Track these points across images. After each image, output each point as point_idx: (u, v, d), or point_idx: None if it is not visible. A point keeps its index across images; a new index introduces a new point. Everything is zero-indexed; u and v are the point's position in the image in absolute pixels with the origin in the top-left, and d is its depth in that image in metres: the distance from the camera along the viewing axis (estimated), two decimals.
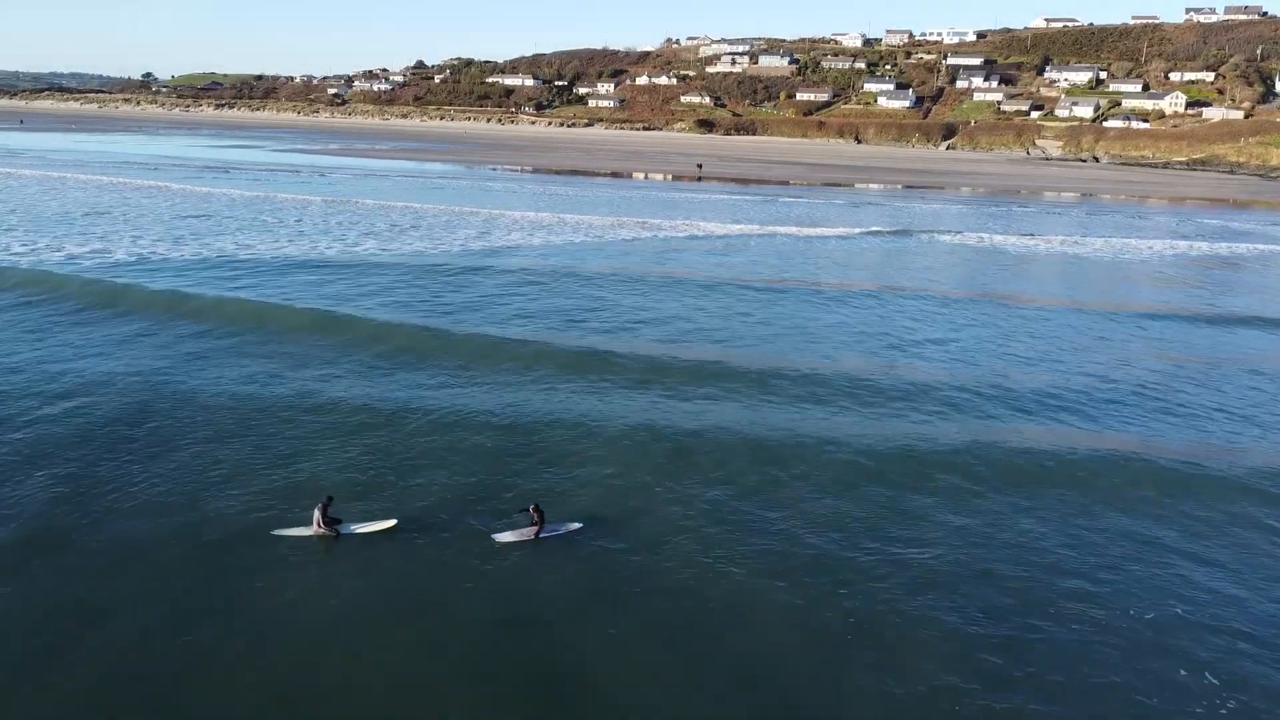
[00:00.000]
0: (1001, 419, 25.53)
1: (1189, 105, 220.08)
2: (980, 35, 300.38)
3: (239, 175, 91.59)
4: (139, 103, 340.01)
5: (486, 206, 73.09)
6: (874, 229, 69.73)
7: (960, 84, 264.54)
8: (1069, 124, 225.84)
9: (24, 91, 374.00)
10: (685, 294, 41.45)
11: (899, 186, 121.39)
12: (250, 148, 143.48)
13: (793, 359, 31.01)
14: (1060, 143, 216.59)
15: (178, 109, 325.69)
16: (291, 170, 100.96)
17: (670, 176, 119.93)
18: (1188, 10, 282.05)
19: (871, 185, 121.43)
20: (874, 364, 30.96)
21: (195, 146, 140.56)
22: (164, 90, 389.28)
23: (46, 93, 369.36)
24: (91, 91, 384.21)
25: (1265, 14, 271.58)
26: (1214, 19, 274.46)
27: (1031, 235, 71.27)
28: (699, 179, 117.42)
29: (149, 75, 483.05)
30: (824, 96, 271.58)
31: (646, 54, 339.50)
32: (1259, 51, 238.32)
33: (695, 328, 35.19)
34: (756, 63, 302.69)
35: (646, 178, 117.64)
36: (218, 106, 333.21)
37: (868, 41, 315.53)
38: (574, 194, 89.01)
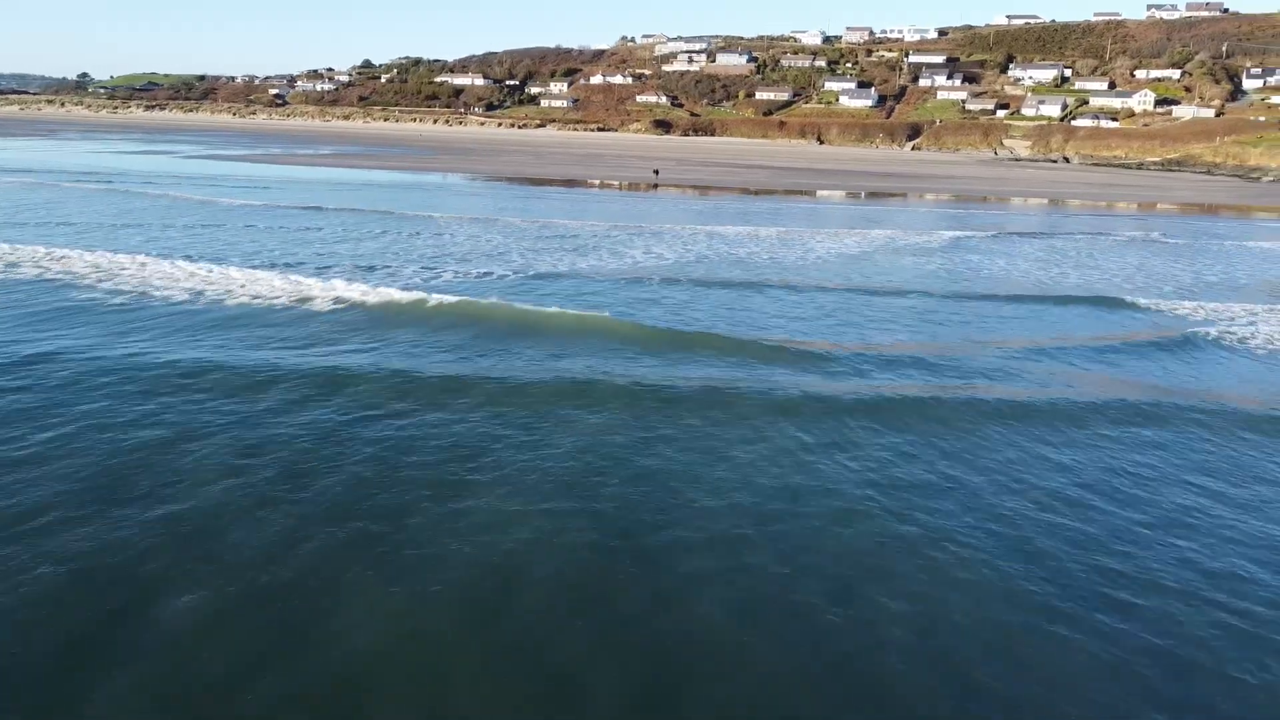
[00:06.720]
0: None
1: (1158, 104, 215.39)
2: (942, 33, 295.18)
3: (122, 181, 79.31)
4: (64, 104, 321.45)
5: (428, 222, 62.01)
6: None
7: (923, 82, 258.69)
8: (1037, 123, 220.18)
9: None
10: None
11: (950, 197, 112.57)
12: (164, 154, 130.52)
13: None
14: (1029, 143, 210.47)
15: (105, 111, 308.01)
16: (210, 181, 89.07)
17: (625, 185, 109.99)
18: (1149, 7, 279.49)
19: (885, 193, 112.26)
20: None
21: (99, 153, 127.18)
22: (100, 91, 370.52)
23: None
24: (13, 93, 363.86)
25: (1226, 10, 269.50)
26: (1176, 16, 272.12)
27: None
28: (655, 186, 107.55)
29: (84, 75, 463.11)
30: (784, 96, 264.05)
31: (601, 53, 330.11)
32: (1224, 49, 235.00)
33: None
34: (714, 61, 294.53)
35: (602, 186, 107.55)
36: (148, 108, 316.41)
37: (827, 39, 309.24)
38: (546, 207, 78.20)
